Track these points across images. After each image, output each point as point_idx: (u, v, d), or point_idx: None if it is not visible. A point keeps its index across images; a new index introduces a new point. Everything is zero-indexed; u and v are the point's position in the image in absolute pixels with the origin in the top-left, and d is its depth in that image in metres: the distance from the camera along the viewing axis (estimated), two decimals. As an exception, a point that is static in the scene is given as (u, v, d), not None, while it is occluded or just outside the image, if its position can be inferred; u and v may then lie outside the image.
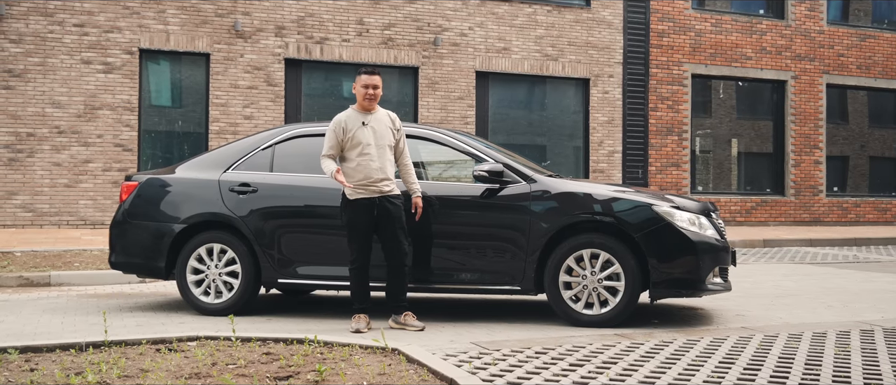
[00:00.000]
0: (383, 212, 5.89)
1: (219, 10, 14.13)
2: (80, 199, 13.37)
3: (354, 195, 5.88)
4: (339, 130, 5.93)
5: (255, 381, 4.08)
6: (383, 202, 5.90)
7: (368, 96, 5.97)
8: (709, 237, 6.07)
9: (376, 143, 5.92)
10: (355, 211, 5.89)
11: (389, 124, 6.06)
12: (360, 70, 6.07)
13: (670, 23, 17.25)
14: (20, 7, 13.12)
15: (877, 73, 19.05)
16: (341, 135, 5.92)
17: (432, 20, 15.49)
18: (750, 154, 18.46)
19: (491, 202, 6.19)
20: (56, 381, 4.10)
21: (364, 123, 5.94)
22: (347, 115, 6.00)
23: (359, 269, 5.95)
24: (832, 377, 4.31)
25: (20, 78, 13.08)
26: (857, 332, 5.60)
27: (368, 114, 6.00)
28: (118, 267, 6.97)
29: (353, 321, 5.90)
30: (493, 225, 6.16)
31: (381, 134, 5.97)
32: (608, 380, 4.23)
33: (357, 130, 5.91)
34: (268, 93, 14.39)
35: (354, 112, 6.01)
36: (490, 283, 6.20)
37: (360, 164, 5.87)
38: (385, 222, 5.90)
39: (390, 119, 6.11)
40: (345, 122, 5.95)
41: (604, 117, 16.73)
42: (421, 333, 5.73)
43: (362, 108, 6.01)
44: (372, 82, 5.98)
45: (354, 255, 5.93)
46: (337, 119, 6.00)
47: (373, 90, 5.98)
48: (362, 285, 6.00)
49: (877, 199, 19.00)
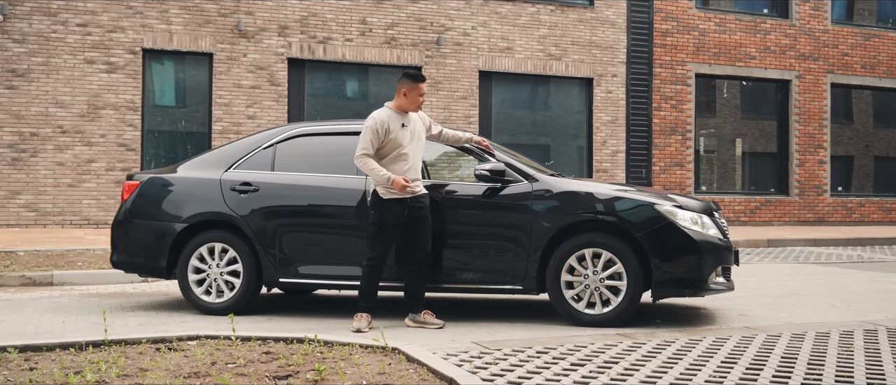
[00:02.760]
0: (412, 212, 5.90)
1: (222, 10, 14.13)
2: (83, 199, 13.38)
3: (389, 195, 5.86)
4: (382, 131, 5.86)
5: (254, 380, 4.06)
6: (414, 203, 5.91)
7: (419, 104, 6.01)
8: (711, 236, 6.04)
9: (412, 146, 5.94)
10: (387, 210, 5.87)
11: (422, 126, 6.13)
12: (412, 75, 6.00)
13: (674, 22, 17.21)
14: (23, 7, 13.13)
15: (881, 72, 18.99)
16: (383, 136, 5.86)
17: (435, 20, 15.48)
18: (754, 154, 18.41)
19: (493, 201, 6.17)
20: (55, 380, 4.09)
21: (404, 125, 5.93)
22: (388, 116, 5.93)
23: (374, 268, 5.93)
24: (835, 377, 4.28)
25: (24, 78, 13.10)
26: (860, 332, 5.57)
27: (406, 115, 5.99)
28: (120, 266, 6.97)
29: (355, 320, 5.88)
30: (494, 224, 6.14)
31: (418, 136, 6.01)
32: (610, 379, 4.21)
33: (398, 132, 5.88)
34: (271, 92, 14.39)
35: (394, 113, 5.95)
36: (492, 282, 6.18)
37: (395, 165, 5.86)
38: (414, 222, 5.92)
39: (421, 117, 6.16)
40: (387, 123, 5.88)
41: (607, 117, 16.70)
42: (422, 333, 5.71)
43: (403, 111, 5.98)
44: (424, 90, 6.04)
45: (374, 252, 5.90)
46: (378, 119, 5.89)
47: (423, 98, 6.04)
48: (374, 284, 5.99)
49: (881, 199, 18.94)
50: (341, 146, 6.60)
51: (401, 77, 6.04)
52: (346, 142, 6.61)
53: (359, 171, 6.45)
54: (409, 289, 6.06)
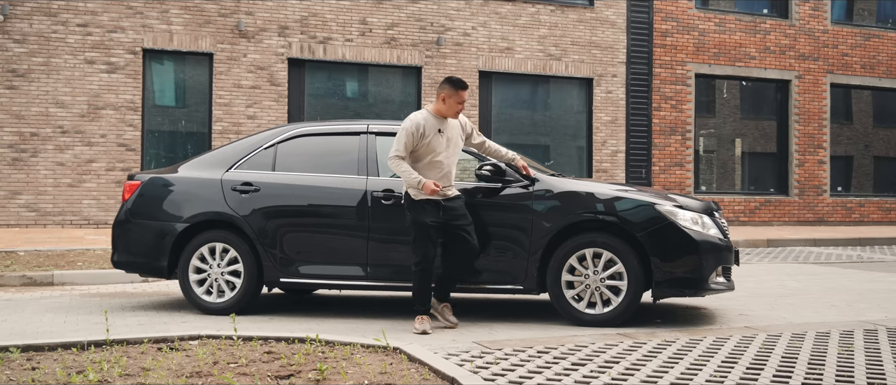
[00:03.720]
0: (448, 211, 5.84)
1: (222, 10, 14.14)
2: (83, 199, 13.38)
3: (420, 195, 5.80)
4: (418, 134, 5.80)
5: (256, 379, 4.07)
6: (447, 203, 5.86)
7: (458, 111, 5.92)
8: (712, 236, 6.05)
9: (447, 152, 5.88)
10: (421, 211, 5.81)
11: (460, 132, 6.04)
12: (453, 80, 5.88)
13: (674, 22, 17.22)
14: (24, 7, 13.14)
15: (881, 72, 19.00)
16: (418, 139, 5.80)
17: (435, 20, 15.49)
18: (754, 154, 18.42)
19: (493, 201, 6.17)
20: (57, 379, 4.10)
21: (440, 131, 5.86)
22: (425, 119, 5.86)
23: (423, 272, 5.85)
24: (835, 377, 4.29)
25: (24, 78, 13.10)
26: (860, 332, 5.58)
27: (444, 121, 5.92)
28: (121, 266, 6.97)
29: (416, 322, 5.78)
30: (495, 224, 6.14)
31: (454, 143, 5.94)
32: (610, 379, 4.22)
33: (433, 137, 5.82)
34: (271, 92, 14.40)
35: (432, 117, 5.88)
36: (492, 282, 6.19)
37: (428, 172, 5.81)
38: (452, 220, 5.85)
39: (461, 123, 6.07)
40: (424, 127, 5.82)
41: (607, 117, 16.71)
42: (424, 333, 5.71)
43: (441, 116, 5.91)
44: (465, 97, 5.95)
45: (419, 257, 5.83)
46: (415, 121, 5.83)
47: (462, 105, 5.94)
48: (426, 288, 5.89)
49: (881, 199, 18.95)
50: (342, 146, 6.61)
51: (442, 81, 5.93)
52: (346, 142, 6.62)
53: (359, 172, 6.46)
54: (442, 279, 6.01)
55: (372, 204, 6.32)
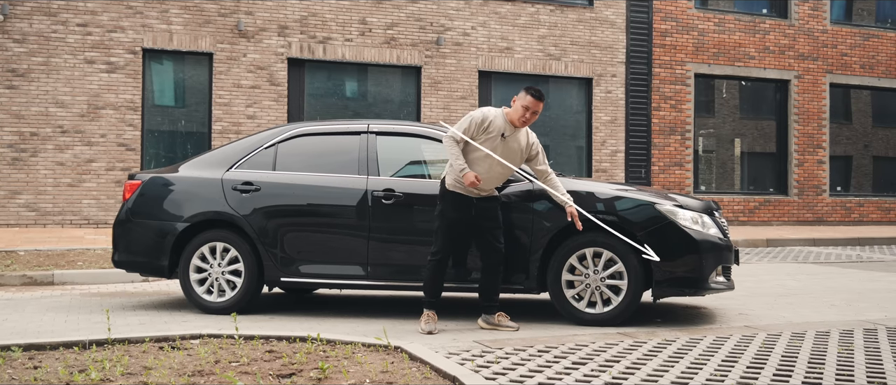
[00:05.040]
0: (480, 210, 5.81)
1: (222, 10, 14.14)
2: (83, 199, 13.39)
3: (454, 187, 5.75)
4: (483, 124, 5.72)
5: (258, 378, 4.08)
6: (481, 202, 5.82)
7: (524, 120, 5.76)
8: (712, 236, 6.06)
9: (501, 157, 5.77)
10: (451, 203, 5.76)
11: (524, 146, 5.87)
12: (530, 88, 5.74)
13: (673, 22, 17.24)
14: (24, 7, 13.14)
15: (880, 72, 19.02)
16: (480, 131, 5.72)
17: (435, 20, 15.49)
18: (753, 154, 18.44)
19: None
20: (60, 378, 4.10)
21: (504, 136, 5.76)
22: (496, 117, 5.78)
23: (438, 263, 5.80)
24: (835, 376, 4.30)
25: (24, 77, 13.11)
26: (860, 331, 5.59)
27: (513, 129, 5.82)
28: (121, 265, 6.98)
29: (422, 321, 5.76)
30: (495, 224, 6.14)
31: (513, 153, 5.81)
32: (611, 378, 4.23)
33: (496, 138, 5.74)
34: (271, 92, 14.40)
35: (503, 118, 5.80)
36: (493, 281, 6.18)
37: (473, 166, 5.73)
38: (482, 220, 5.81)
39: (527, 139, 5.90)
40: (491, 123, 5.74)
41: (607, 117, 16.72)
42: (421, 332, 5.72)
43: (512, 122, 5.81)
44: (535, 109, 5.73)
45: (437, 247, 5.80)
46: (485, 112, 5.76)
47: (531, 116, 5.76)
48: (437, 279, 5.85)
49: (880, 199, 18.97)
50: (343, 146, 6.62)
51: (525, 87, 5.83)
52: (347, 141, 6.63)
53: (360, 171, 6.47)
54: (482, 290, 5.95)
55: (372, 203, 6.33)
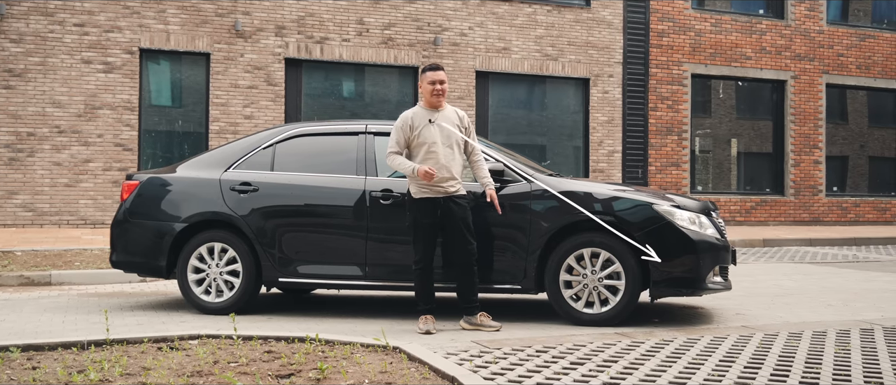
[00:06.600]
0: (447, 211, 5.82)
1: (219, 10, 14.14)
2: (80, 199, 13.37)
3: (419, 194, 5.81)
4: (406, 128, 5.84)
5: (257, 379, 4.08)
6: (448, 202, 5.82)
7: (436, 92, 5.86)
8: (709, 236, 6.07)
9: (443, 142, 5.84)
10: (420, 210, 5.81)
11: (457, 122, 5.96)
12: (425, 67, 5.93)
13: (670, 22, 17.26)
14: (20, 7, 13.13)
15: (876, 72, 19.06)
16: (408, 132, 5.83)
17: (432, 20, 15.50)
18: (750, 154, 18.47)
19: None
20: (58, 379, 4.10)
21: (431, 121, 5.85)
22: (414, 113, 5.91)
23: (422, 271, 5.88)
24: (832, 376, 4.32)
25: (21, 77, 13.09)
26: (857, 331, 5.61)
27: (436, 111, 5.91)
28: (119, 266, 6.98)
29: (420, 322, 5.80)
30: (493, 224, 6.16)
31: (448, 133, 5.87)
32: (609, 378, 4.24)
33: (424, 128, 5.82)
34: (268, 92, 14.40)
35: (422, 110, 5.92)
36: (491, 281, 6.20)
37: (425, 163, 5.79)
38: (450, 222, 5.83)
39: (458, 117, 6.01)
40: (411, 120, 5.86)
41: (604, 117, 16.74)
42: (420, 333, 5.73)
43: (430, 106, 5.91)
44: (438, 78, 5.87)
45: (418, 255, 5.87)
46: (404, 116, 5.90)
47: (440, 86, 5.87)
48: (426, 286, 5.92)
49: (876, 199, 19.01)
50: (341, 146, 6.63)
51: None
52: (345, 142, 6.64)
53: (358, 171, 6.48)
54: (460, 291, 5.97)
55: (370, 204, 6.34)
